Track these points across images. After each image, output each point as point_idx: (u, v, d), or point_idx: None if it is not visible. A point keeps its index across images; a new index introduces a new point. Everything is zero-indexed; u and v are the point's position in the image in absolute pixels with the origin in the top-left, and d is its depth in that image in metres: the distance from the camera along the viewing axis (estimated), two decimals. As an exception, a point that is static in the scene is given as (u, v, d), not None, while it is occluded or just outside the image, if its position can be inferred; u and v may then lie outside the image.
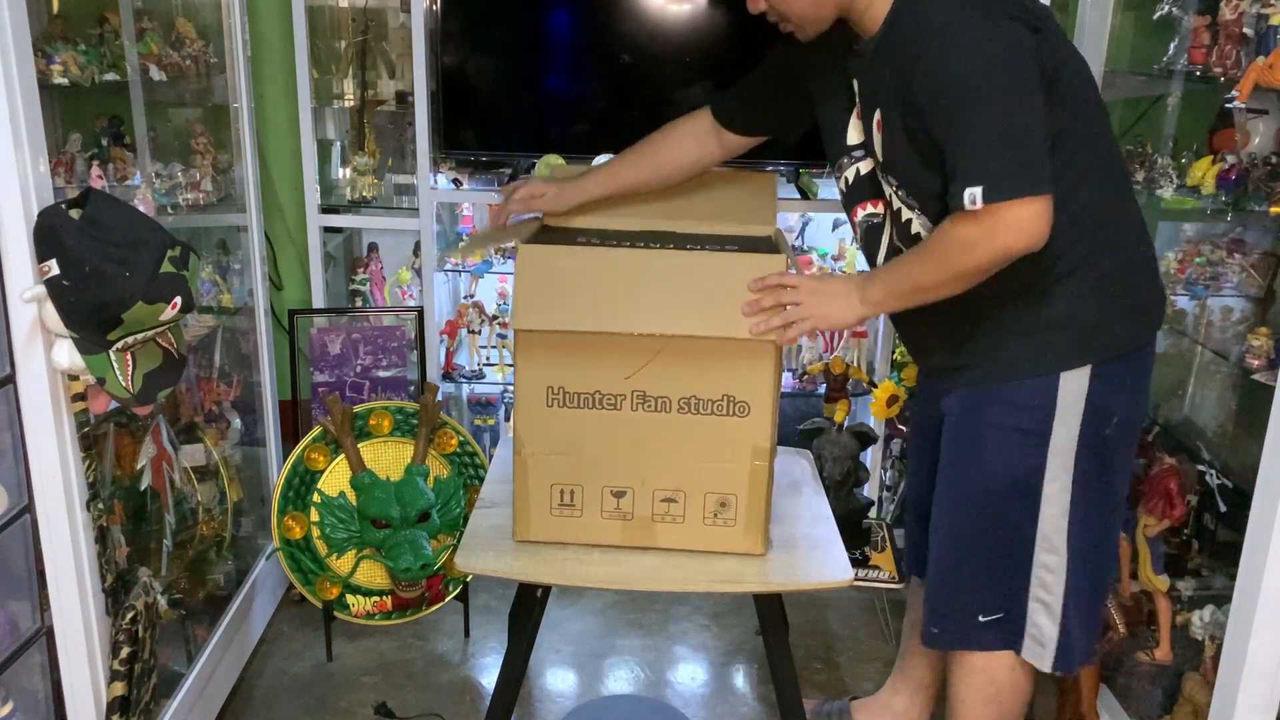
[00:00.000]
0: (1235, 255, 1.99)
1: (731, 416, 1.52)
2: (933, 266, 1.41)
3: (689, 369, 1.50)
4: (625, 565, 1.59)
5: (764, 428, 1.52)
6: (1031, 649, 1.58)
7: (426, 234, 2.64)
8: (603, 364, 1.51)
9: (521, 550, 1.60)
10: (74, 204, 1.38)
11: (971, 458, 1.54)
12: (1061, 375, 1.46)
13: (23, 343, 1.37)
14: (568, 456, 1.56)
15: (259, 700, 2.15)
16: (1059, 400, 1.47)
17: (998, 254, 1.34)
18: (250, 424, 2.40)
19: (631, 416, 1.53)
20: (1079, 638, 1.58)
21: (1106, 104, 1.55)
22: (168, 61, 1.92)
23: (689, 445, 1.54)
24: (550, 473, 1.57)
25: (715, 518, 1.58)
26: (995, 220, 1.31)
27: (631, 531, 1.59)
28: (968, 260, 1.36)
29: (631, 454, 1.55)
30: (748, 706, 2.18)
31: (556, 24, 2.58)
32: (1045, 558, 1.53)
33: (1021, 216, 1.31)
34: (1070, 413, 1.47)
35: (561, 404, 1.53)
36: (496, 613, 2.46)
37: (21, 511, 1.43)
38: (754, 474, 1.55)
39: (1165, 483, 1.89)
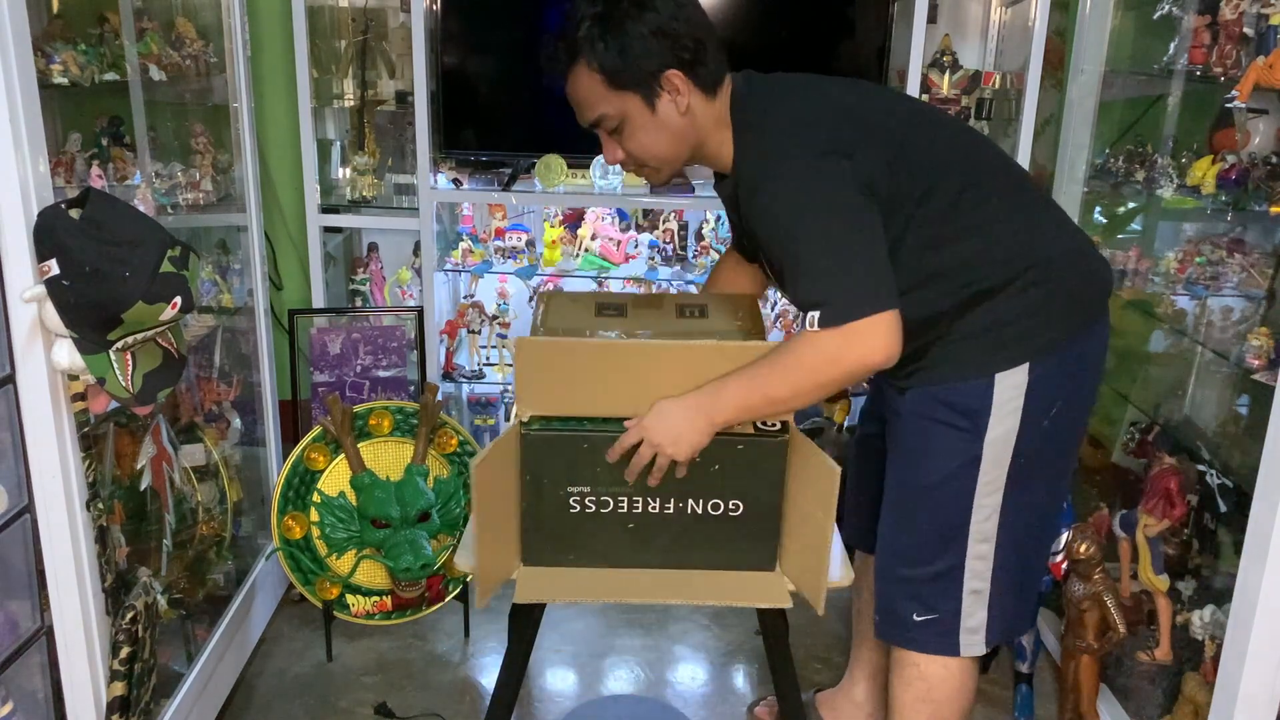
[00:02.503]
0: (1235, 255, 1.99)
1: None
2: (791, 379, 1.42)
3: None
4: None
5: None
6: (967, 642, 1.61)
7: (426, 234, 2.64)
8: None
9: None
10: (74, 204, 1.38)
11: (912, 456, 1.58)
12: (996, 376, 1.49)
13: (23, 343, 1.37)
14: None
15: (259, 700, 2.15)
16: (994, 400, 1.50)
17: (852, 366, 1.39)
18: (250, 424, 2.40)
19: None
20: (1010, 613, 1.63)
21: (1110, 102, 1.57)
22: (168, 61, 1.92)
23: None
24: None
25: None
26: (847, 336, 1.37)
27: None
28: (830, 371, 1.40)
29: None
30: (748, 706, 2.18)
31: (556, 24, 2.58)
32: (978, 547, 1.57)
33: (867, 330, 1.36)
34: (1006, 411, 1.50)
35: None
36: (496, 613, 2.46)
37: (21, 511, 1.43)
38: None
39: (1165, 483, 1.89)
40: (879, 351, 1.37)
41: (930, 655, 1.63)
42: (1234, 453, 1.89)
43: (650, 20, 1.44)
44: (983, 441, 1.51)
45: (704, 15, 1.51)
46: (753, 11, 2.52)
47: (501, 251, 2.73)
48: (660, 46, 1.45)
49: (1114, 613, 1.91)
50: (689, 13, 1.48)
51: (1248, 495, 1.57)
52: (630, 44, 1.44)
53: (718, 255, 2.70)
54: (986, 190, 1.51)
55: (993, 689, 2.22)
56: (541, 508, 1.54)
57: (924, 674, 1.64)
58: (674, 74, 1.46)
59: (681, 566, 1.59)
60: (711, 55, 1.49)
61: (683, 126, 1.50)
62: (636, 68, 1.45)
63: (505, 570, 1.57)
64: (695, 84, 1.48)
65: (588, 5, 1.46)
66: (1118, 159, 2.28)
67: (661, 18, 1.45)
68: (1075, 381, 1.55)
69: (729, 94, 1.53)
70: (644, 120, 1.49)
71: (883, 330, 1.36)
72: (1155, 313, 2.19)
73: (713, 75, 1.50)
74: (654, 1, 1.45)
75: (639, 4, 1.45)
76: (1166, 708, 1.89)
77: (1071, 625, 1.99)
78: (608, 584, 1.57)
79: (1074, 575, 1.97)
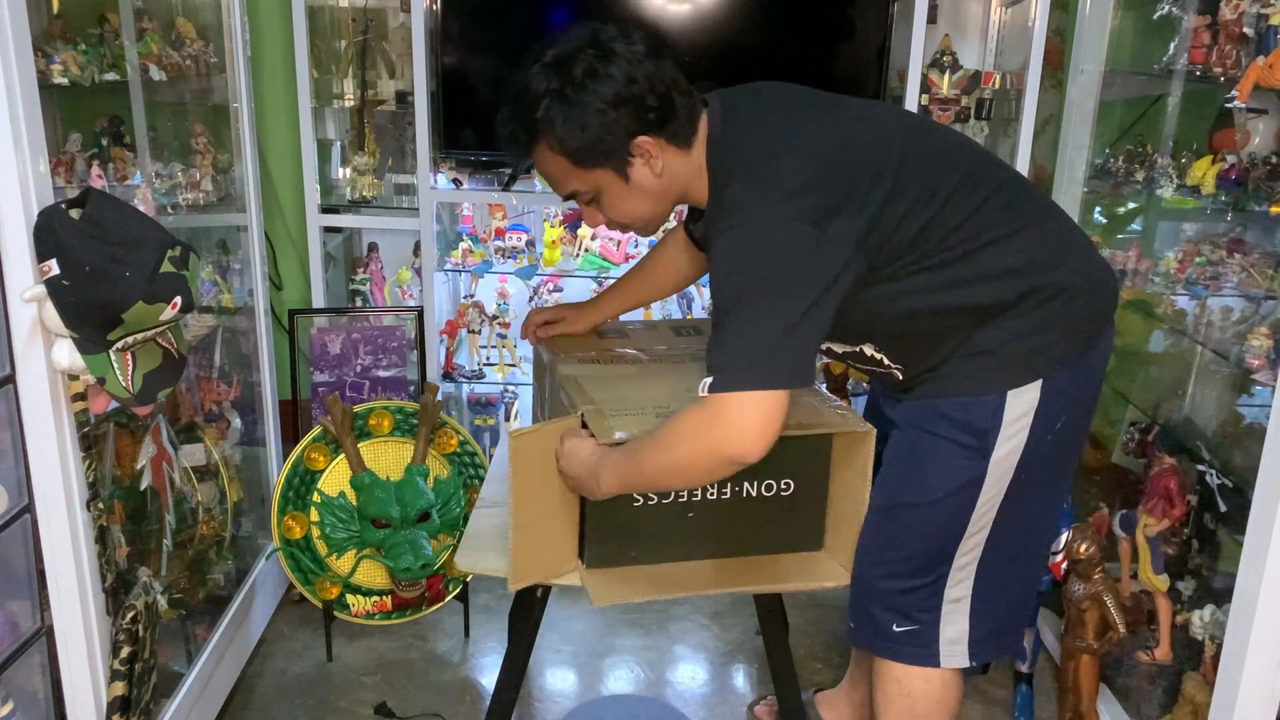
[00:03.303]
0: (1235, 255, 1.99)
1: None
2: (658, 453, 1.37)
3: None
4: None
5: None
6: (948, 652, 1.56)
7: (426, 234, 2.64)
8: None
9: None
10: (74, 204, 1.38)
11: (910, 467, 1.50)
12: (1009, 393, 1.43)
13: (23, 343, 1.37)
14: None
15: (259, 700, 2.15)
16: (1004, 418, 1.44)
17: (707, 449, 1.31)
18: (250, 424, 2.40)
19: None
20: (1000, 622, 1.58)
21: (1111, 102, 1.55)
22: (168, 61, 1.92)
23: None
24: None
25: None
26: (717, 409, 1.29)
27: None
28: (685, 448, 1.33)
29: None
30: (746, 710, 2.18)
31: (556, 24, 2.58)
32: (963, 559, 1.52)
33: (741, 407, 1.28)
34: (1015, 429, 1.44)
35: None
36: (496, 613, 2.46)
37: (21, 511, 1.43)
38: None
39: (1165, 483, 1.89)
40: (742, 431, 1.28)
41: (912, 667, 1.59)
42: (1234, 453, 1.89)
43: (607, 89, 1.36)
44: (988, 461, 1.45)
45: (663, 64, 1.41)
46: (752, 12, 2.51)
47: (501, 251, 2.73)
48: (623, 114, 1.37)
49: (1114, 613, 1.91)
50: (647, 69, 1.39)
51: (1248, 495, 1.57)
52: (591, 120, 1.36)
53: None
54: (994, 205, 1.43)
55: (993, 689, 2.22)
56: (609, 507, 1.53)
57: (906, 689, 1.60)
58: (643, 140, 1.40)
59: (735, 554, 1.63)
60: (680, 106, 1.42)
61: (661, 187, 1.45)
62: (602, 143, 1.38)
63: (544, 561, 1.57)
64: (668, 142, 1.42)
65: (541, 80, 1.38)
66: (1118, 159, 2.28)
67: (618, 83, 1.36)
68: (1083, 394, 1.51)
69: (705, 137, 1.45)
70: (620, 190, 1.44)
71: (754, 411, 1.27)
72: (1155, 313, 2.19)
73: (685, 126, 1.43)
74: (608, 67, 1.36)
75: (592, 73, 1.36)
76: (1166, 708, 1.89)
77: (1071, 625, 1.99)
78: (673, 578, 1.59)
79: (1074, 575, 1.97)
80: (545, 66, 1.38)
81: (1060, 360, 1.44)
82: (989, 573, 1.54)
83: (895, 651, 1.58)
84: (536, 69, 1.38)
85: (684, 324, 1.91)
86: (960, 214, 1.41)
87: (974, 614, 1.55)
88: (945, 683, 1.60)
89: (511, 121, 1.42)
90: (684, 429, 1.34)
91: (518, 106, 1.40)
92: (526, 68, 1.40)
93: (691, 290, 2.77)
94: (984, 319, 1.43)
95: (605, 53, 1.37)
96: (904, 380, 1.52)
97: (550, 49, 1.39)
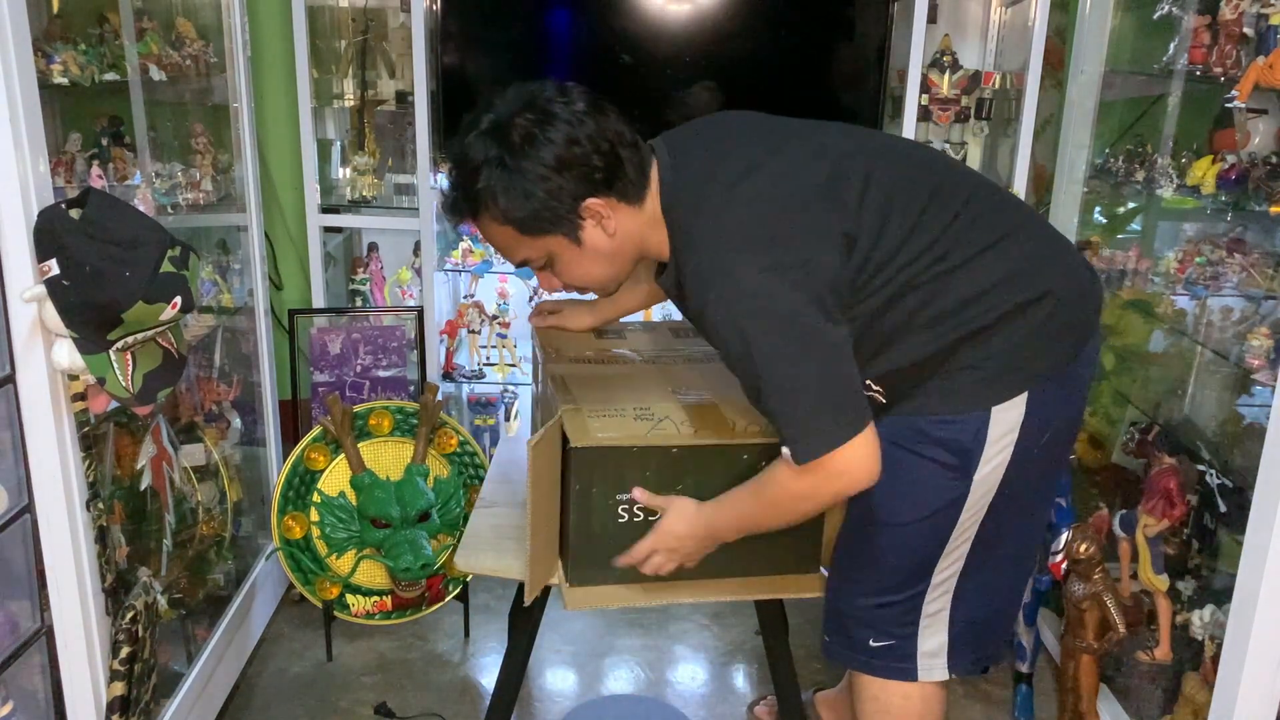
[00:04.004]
0: (1235, 255, 1.99)
1: None
2: (775, 513, 1.42)
3: None
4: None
5: None
6: (926, 666, 1.53)
7: (426, 234, 2.64)
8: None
9: (521, 550, 1.60)
10: (74, 204, 1.38)
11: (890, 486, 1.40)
12: (993, 410, 1.38)
13: (23, 343, 1.37)
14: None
15: (259, 700, 2.15)
16: (989, 436, 1.39)
17: (832, 498, 1.37)
18: (250, 424, 2.40)
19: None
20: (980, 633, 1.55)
21: (1110, 102, 1.52)
22: (168, 61, 1.92)
23: None
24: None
25: None
26: (822, 470, 1.31)
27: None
28: (803, 507, 1.38)
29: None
30: (746, 710, 2.18)
31: (556, 24, 2.58)
32: (942, 575, 1.49)
33: (845, 460, 1.30)
34: (999, 447, 1.40)
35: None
36: (496, 613, 2.46)
37: (21, 511, 1.43)
38: None
39: (1165, 483, 1.89)
40: (857, 478, 1.32)
41: (890, 683, 1.56)
42: (1234, 453, 1.89)
43: (548, 153, 1.30)
44: (971, 481, 1.40)
45: (606, 120, 1.34)
46: (752, 12, 2.51)
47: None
48: (568, 179, 1.31)
49: (1114, 613, 1.90)
50: (589, 128, 1.32)
51: (1248, 495, 1.57)
52: (534, 188, 1.30)
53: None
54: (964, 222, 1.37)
55: (993, 689, 2.22)
56: (590, 520, 1.51)
57: (885, 706, 1.57)
58: (591, 203, 1.33)
59: (727, 575, 1.58)
60: (628, 161, 1.35)
61: (616, 246, 1.38)
62: (548, 210, 1.32)
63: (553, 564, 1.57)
64: (619, 200, 1.35)
65: (479, 148, 1.31)
66: (1118, 159, 2.28)
67: (559, 146, 1.30)
68: (1069, 404, 1.47)
69: (657, 188, 1.39)
70: (572, 254, 1.38)
71: (856, 457, 1.30)
72: (1155, 313, 2.19)
73: (635, 182, 1.36)
74: (547, 130, 1.30)
75: (529, 138, 1.29)
76: (1166, 708, 1.89)
77: (1071, 625, 1.99)
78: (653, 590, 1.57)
79: (1074, 575, 1.97)
80: (482, 134, 1.32)
81: (1045, 373, 1.39)
82: (970, 585, 1.50)
83: (871, 666, 1.56)
84: (473, 137, 1.32)
85: (683, 326, 1.89)
86: (930, 234, 1.36)
87: (953, 626, 1.52)
88: (925, 697, 1.56)
89: (452, 191, 1.37)
90: (798, 491, 1.35)
91: (458, 175, 1.35)
92: (464, 134, 1.34)
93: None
94: (970, 338, 1.37)
95: (543, 115, 1.31)
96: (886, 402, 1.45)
97: (486, 114, 1.33)
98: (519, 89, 1.35)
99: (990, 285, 1.36)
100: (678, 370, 1.71)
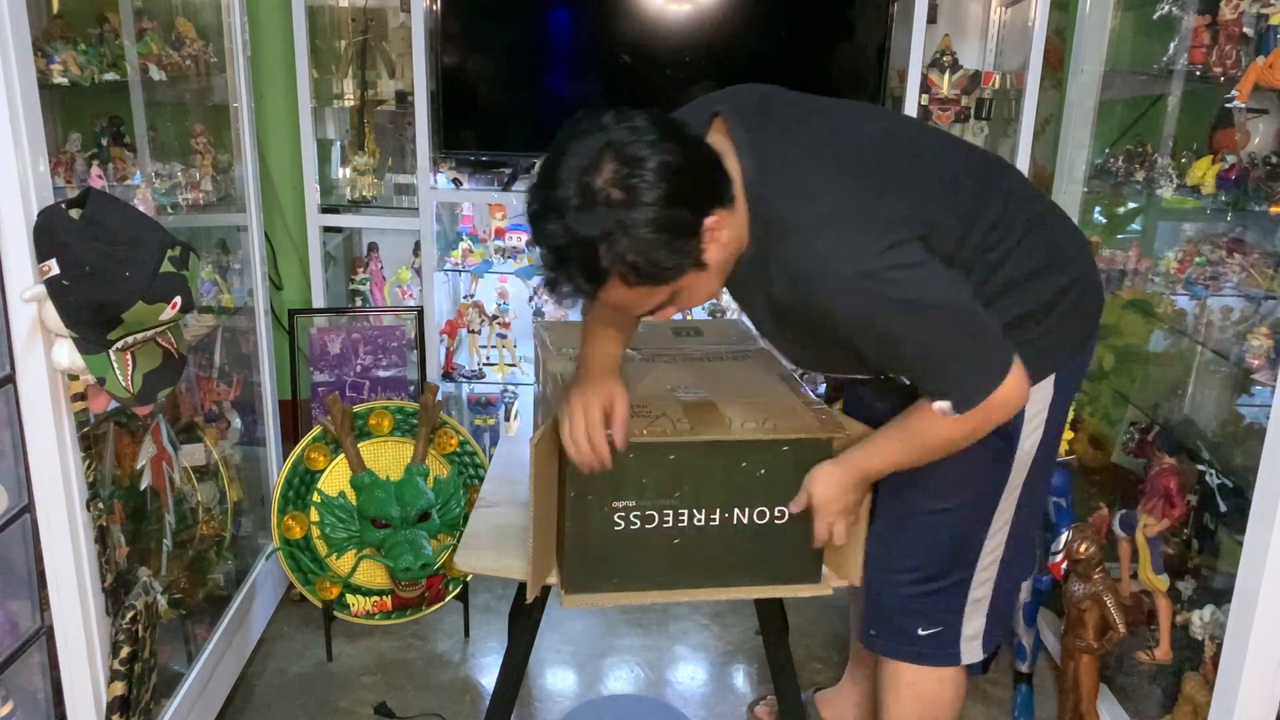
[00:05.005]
0: (1235, 255, 1.99)
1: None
2: (929, 455, 1.43)
3: None
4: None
5: None
6: (967, 649, 1.58)
7: (426, 234, 2.65)
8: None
9: (521, 549, 1.60)
10: (74, 204, 1.38)
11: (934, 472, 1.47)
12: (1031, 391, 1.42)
13: (23, 343, 1.37)
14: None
15: (259, 700, 2.15)
16: (1026, 414, 1.44)
17: (999, 423, 1.38)
18: (250, 424, 2.40)
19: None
20: (1003, 614, 1.62)
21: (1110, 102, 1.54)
22: (168, 61, 1.92)
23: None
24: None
25: None
26: (984, 410, 1.33)
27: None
28: (961, 443, 1.39)
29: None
30: (746, 710, 2.18)
31: (556, 24, 2.58)
32: (987, 558, 1.54)
33: (1000, 400, 1.33)
34: (1034, 425, 1.47)
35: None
36: (496, 613, 2.46)
37: (21, 511, 1.43)
38: None
39: (1165, 483, 1.89)
40: (1017, 404, 1.35)
41: (927, 670, 1.59)
42: (1234, 453, 1.89)
43: (655, 198, 1.20)
44: (1014, 460, 1.47)
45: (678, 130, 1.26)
46: (752, 12, 2.52)
47: (501, 251, 2.73)
48: (682, 213, 1.23)
49: (1114, 612, 1.90)
50: (672, 147, 1.22)
51: (1248, 495, 1.57)
52: (656, 240, 1.21)
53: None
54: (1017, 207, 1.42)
55: (993, 689, 2.22)
56: (587, 529, 1.49)
57: (920, 693, 1.61)
58: (707, 223, 1.26)
59: (726, 586, 1.57)
60: (715, 165, 1.30)
61: (729, 253, 1.33)
62: (675, 254, 1.24)
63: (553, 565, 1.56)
64: (720, 208, 1.28)
65: (585, 224, 1.20)
66: (1118, 159, 2.28)
67: (661, 187, 1.20)
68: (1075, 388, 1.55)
69: (739, 177, 1.32)
70: (699, 280, 1.31)
71: (1014, 387, 1.33)
72: (1155, 313, 2.19)
73: (725, 181, 1.31)
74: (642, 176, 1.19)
75: (631, 193, 1.19)
76: (1166, 707, 1.89)
77: (1071, 625, 1.99)
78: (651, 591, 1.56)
79: (1074, 575, 1.97)
80: (580, 210, 1.20)
81: (1069, 353, 1.48)
82: (1005, 568, 1.56)
83: (919, 655, 1.58)
84: (572, 216, 1.20)
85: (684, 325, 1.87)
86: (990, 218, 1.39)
87: (991, 609, 1.58)
88: (956, 683, 1.62)
89: (571, 281, 1.25)
90: (962, 434, 1.37)
91: (571, 263, 1.23)
92: (550, 217, 1.22)
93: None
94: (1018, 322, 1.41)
95: (630, 161, 1.20)
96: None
97: (564, 184, 1.21)
98: (577, 142, 1.23)
99: (1036, 269, 1.41)
100: (678, 368, 1.70)
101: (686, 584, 1.55)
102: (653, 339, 1.85)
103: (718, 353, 1.75)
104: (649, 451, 1.47)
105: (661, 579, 1.55)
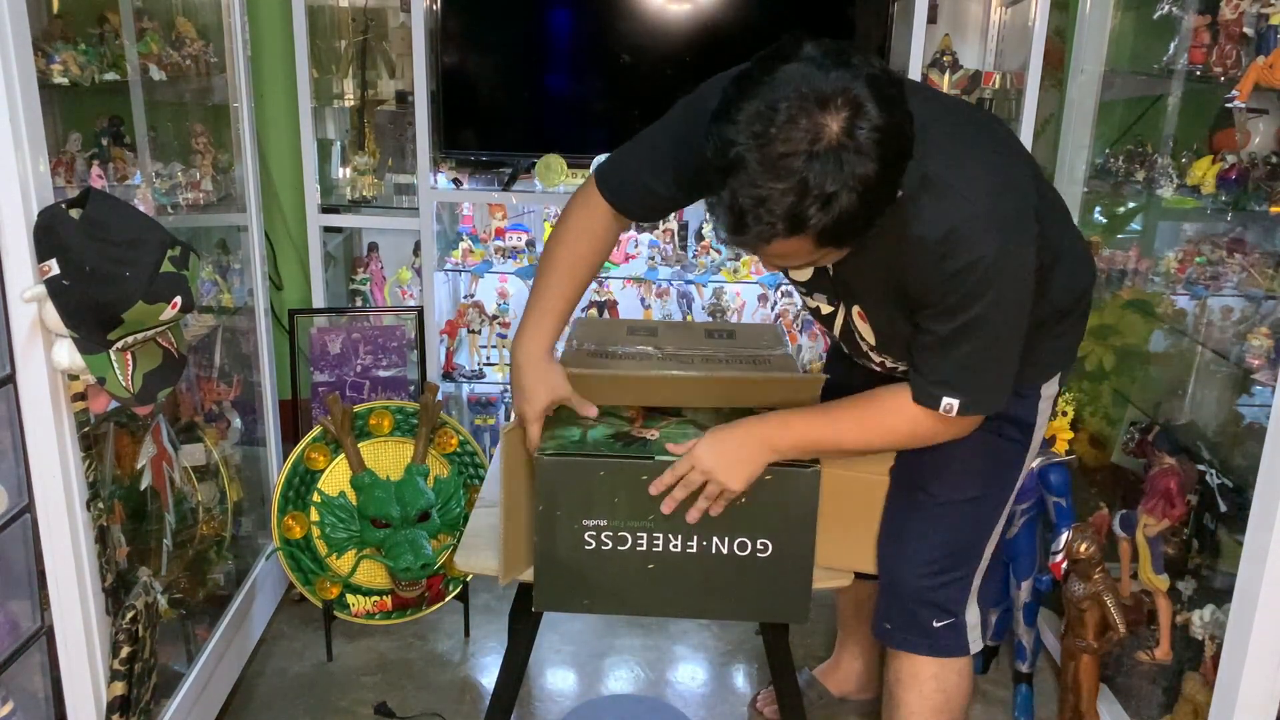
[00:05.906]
0: (1235, 255, 1.99)
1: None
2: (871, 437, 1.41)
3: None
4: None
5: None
6: (973, 639, 1.62)
7: (426, 234, 2.65)
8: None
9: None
10: (74, 204, 1.38)
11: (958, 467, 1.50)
12: (1042, 387, 1.53)
13: (23, 343, 1.37)
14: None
15: (259, 700, 2.15)
16: (1041, 409, 1.54)
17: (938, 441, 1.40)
18: (250, 424, 2.40)
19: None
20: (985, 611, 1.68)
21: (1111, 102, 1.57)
22: (168, 61, 1.92)
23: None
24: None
25: None
26: (956, 425, 1.37)
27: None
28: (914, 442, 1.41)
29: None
30: (748, 706, 2.18)
31: (556, 24, 2.58)
32: (990, 547, 1.60)
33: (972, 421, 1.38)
34: (1042, 420, 1.55)
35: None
36: (496, 613, 2.46)
37: (21, 511, 1.43)
38: None
39: (1165, 483, 1.89)
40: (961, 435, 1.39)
41: (946, 661, 1.60)
42: (1234, 453, 1.89)
43: (892, 156, 1.10)
44: (1029, 449, 1.54)
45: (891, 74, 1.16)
46: (752, 11, 2.52)
47: (502, 251, 2.73)
48: (900, 178, 1.15)
49: (1114, 613, 1.91)
50: (894, 91, 1.12)
51: (1248, 495, 1.57)
52: (876, 209, 1.13)
53: (717, 254, 2.71)
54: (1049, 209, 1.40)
55: (993, 689, 2.22)
56: (556, 545, 1.45)
57: (943, 685, 1.62)
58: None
59: (704, 616, 1.55)
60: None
61: None
62: (876, 220, 1.15)
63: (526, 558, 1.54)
64: None
65: (828, 170, 1.07)
66: (1118, 159, 2.28)
67: (897, 149, 1.11)
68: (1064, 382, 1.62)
69: None
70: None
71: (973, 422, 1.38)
72: (1155, 313, 2.19)
73: None
74: (870, 124, 1.08)
75: (868, 154, 1.08)
76: (1166, 708, 1.89)
77: (1071, 625, 1.99)
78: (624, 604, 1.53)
79: (1074, 575, 1.97)
80: (822, 156, 1.07)
81: (1072, 350, 1.56)
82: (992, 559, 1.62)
83: (935, 647, 1.60)
84: (804, 161, 1.07)
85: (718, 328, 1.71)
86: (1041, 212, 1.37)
87: (980, 599, 1.62)
88: (970, 674, 1.65)
89: (760, 224, 1.11)
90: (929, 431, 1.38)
91: (779, 198, 1.09)
92: (776, 162, 1.07)
93: (691, 290, 2.77)
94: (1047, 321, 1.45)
95: (854, 108, 1.09)
96: None
97: (788, 128, 1.07)
98: (776, 76, 1.12)
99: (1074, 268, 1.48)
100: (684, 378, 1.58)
101: (662, 609, 1.52)
102: (680, 337, 1.72)
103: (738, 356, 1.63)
104: (620, 470, 1.42)
105: (636, 602, 1.50)
